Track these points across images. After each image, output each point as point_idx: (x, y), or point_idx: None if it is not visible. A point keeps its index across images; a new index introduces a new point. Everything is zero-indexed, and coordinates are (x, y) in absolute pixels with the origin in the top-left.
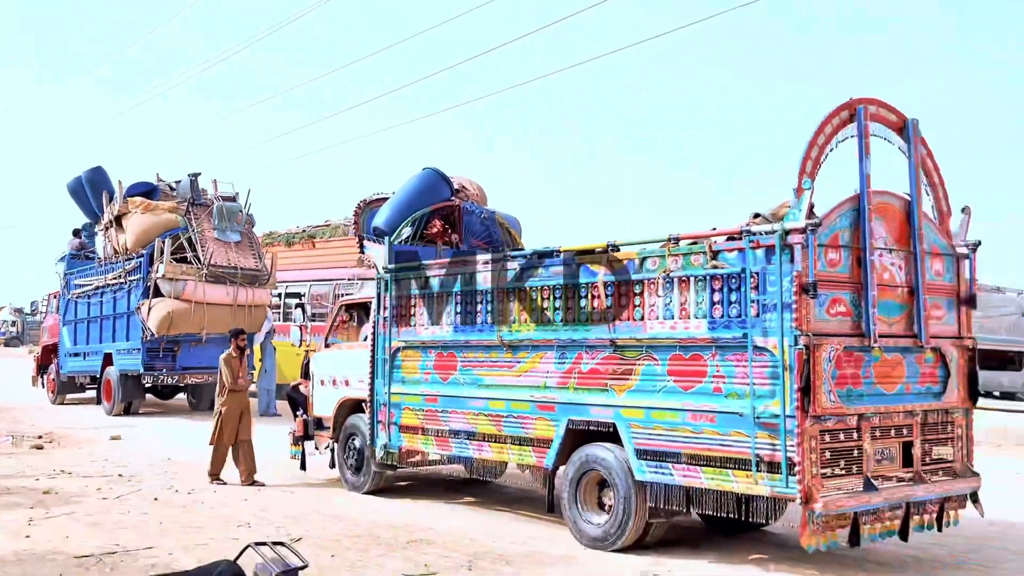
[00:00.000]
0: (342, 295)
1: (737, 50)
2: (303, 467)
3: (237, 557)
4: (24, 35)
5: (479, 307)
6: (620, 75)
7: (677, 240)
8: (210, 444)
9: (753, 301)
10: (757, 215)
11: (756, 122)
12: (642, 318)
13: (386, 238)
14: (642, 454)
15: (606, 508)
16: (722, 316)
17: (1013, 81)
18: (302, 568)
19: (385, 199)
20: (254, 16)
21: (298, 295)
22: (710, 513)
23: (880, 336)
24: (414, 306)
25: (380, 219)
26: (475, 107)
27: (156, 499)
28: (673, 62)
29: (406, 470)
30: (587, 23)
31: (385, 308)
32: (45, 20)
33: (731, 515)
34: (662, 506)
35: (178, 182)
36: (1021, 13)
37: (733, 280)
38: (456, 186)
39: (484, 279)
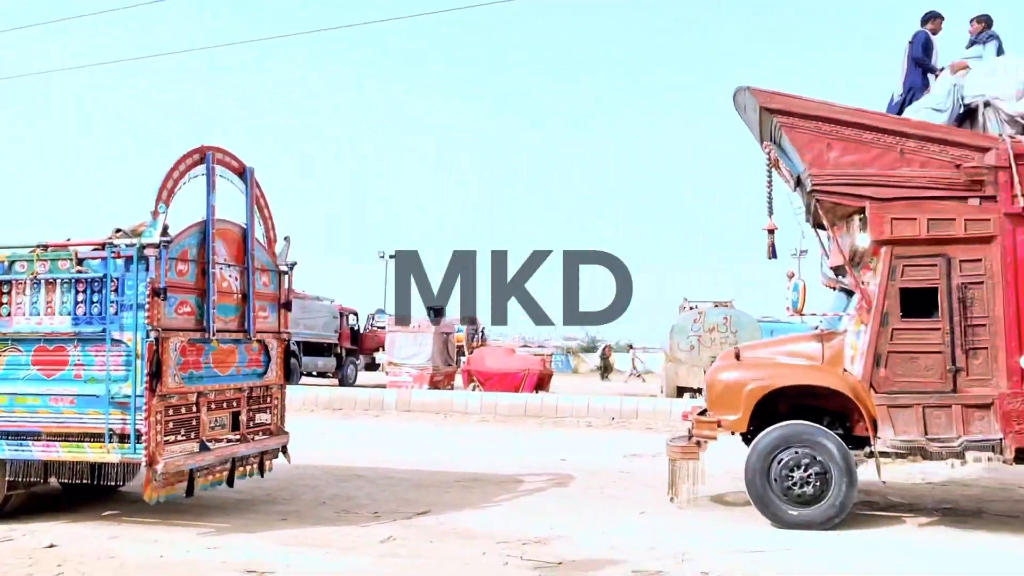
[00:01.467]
0: None
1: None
2: None
3: None
4: None
5: None
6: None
7: (46, 247)
8: None
9: (113, 302)
10: (119, 230)
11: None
12: (9, 314)
13: None
14: (4, 435)
15: None
16: (85, 313)
17: None
18: None
19: None
20: None
21: None
22: (67, 480)
23: (218, 331)
24: None
25: None
26: None
27: None
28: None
29: None
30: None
31: None
32: None
33: (86, 480)
34: (22, 479)
35: None
36: None
37: (96, 283)
38: None
39: None
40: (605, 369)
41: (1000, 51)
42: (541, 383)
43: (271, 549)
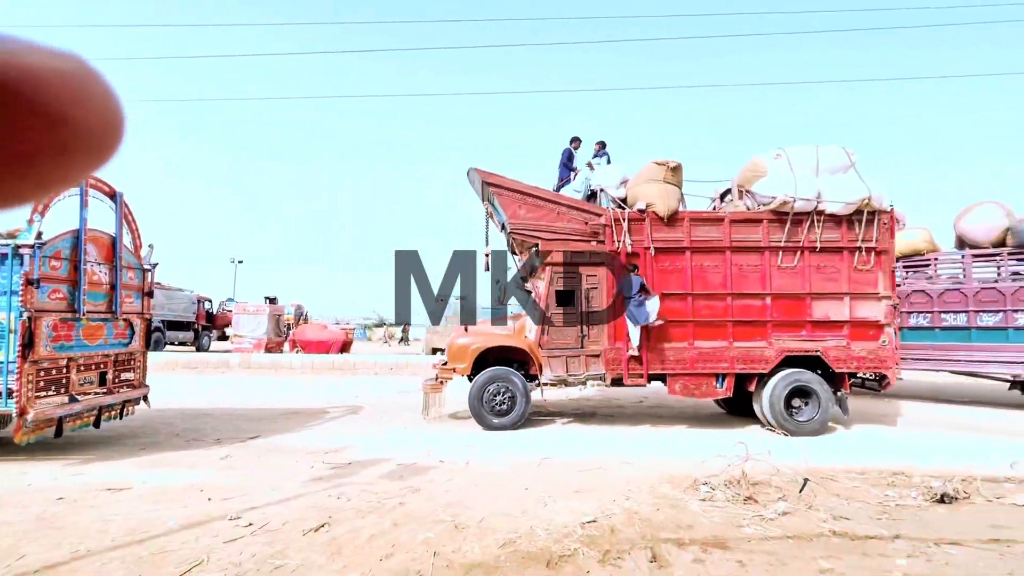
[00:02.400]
0: None
1: None
2: None
3: None
4: None
5: None
6: None
7: None
8: None
9: None
10: None
11: None
12: None
13: None
14: None
15: None
16: None
17: None
18: None
19: None
20: None
21: None
22: None
23: (88, 312)
24: None
25: None
26: None
27: None
28: None
29: None
30: None
31: None
32: None
33: None
34: None
35: None
36: None
37: None
38: None
39: None
40: (403, 339)
41: (609, 161)
42: (345, 347)
43: (130, 471)
